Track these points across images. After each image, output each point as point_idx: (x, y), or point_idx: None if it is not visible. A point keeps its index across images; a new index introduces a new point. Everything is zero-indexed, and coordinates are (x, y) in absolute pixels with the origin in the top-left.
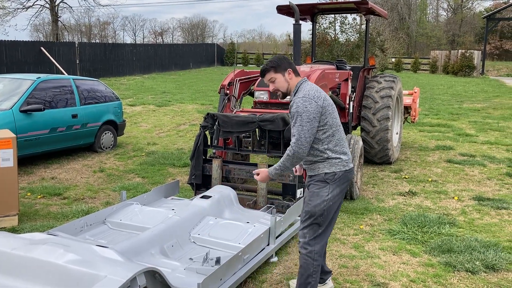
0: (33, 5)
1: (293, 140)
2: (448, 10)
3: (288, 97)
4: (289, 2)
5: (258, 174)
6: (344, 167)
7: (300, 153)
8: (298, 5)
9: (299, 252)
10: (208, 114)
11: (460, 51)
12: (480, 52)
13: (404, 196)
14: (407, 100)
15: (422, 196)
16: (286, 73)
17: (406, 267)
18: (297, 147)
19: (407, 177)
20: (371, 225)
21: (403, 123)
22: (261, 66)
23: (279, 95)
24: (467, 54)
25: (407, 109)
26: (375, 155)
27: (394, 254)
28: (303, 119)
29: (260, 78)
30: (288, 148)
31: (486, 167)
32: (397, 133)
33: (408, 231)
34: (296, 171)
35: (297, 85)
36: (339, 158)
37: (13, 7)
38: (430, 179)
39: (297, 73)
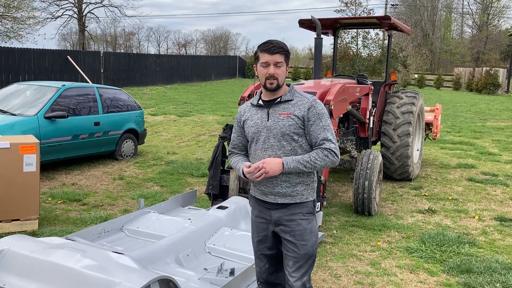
0: (62, 15)
1: (331, 145)
2: (473, 27)
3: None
4: (311, 16)
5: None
6: None
7: (337, 160)
8: (320, 20)
9: None
10: (227, 125)
11: (484, 68)
12: (505, 70)
13: (423, 213)
14: (428, 117)
15: (441, 215)
16: (287, 67)
17: (423, 286)
18: (337, 151)
19: (427, 194)
20: (389, 242)
21: (424, 140)
22: (273, 42)
23: (271, 84)
24: (492, 72)
25: (428, 125)
26: (395, 171)
27: (411, 272)
28: (328, 122)
29: None
30: (321, 149)
31: (509, 187)
32: (418, 150)
33: (426, 250)
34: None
35: (293, 87)
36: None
37: (42, 17)
38: (450, 197)
39: None
